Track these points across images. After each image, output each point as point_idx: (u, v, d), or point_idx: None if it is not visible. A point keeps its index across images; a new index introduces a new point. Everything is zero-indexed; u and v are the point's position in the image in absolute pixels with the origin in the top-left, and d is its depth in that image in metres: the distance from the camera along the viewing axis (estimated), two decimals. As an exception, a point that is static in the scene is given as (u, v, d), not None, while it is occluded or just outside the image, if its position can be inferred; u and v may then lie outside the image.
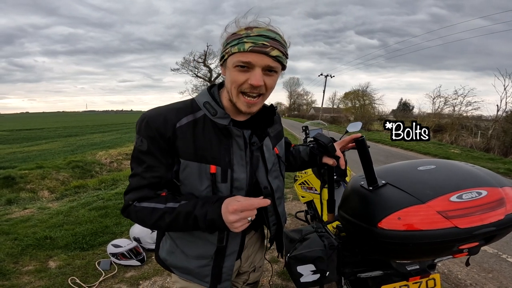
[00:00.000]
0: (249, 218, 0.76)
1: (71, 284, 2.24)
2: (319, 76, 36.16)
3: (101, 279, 2.34)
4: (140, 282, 2.35)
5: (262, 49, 0.77)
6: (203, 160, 0.85)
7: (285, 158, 1.18)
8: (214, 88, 0.94)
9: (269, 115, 1.00)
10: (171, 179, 0.87)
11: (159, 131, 0.83)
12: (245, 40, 0.77)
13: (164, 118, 0.84)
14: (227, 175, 0.87)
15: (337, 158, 1.08)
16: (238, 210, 0.74)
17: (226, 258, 0.94)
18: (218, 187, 0.87)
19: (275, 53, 0.79)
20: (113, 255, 2.58)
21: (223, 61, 0.85)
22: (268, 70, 0.82)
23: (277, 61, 0.81)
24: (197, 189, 0.87)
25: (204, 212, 0.78)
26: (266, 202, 0.77)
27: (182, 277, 0.99)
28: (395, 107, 41.20)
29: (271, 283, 2.35)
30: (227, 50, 0.82)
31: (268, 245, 1.15)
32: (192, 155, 0.85)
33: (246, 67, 0.80)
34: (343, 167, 1.09)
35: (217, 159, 0.86)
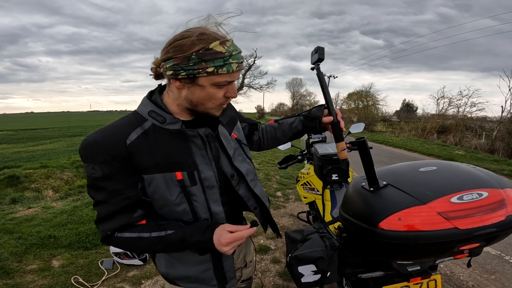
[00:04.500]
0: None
1: (74, 283, 2.26)
2: (322, 76, 35.91)
3: (103, 278, 2.36)
4: (142, 281, 2.37)
5: (241, 65, 0.82)
6: (166, 170, 0.82)
7: (251, 138, 1.22)
8: (155, 95, 0.89)
9: None
10: (140, 198, 0.83)
11: (110, 154, 0.77)
12: (231, 60, 0.77)
13: (111, 138, 0.79)
14: (194, 178, 0.85)
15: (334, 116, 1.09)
16: (230, 242, 0.81)
17: (223, 258, 0.95)
18: (190, 191, 0.85)
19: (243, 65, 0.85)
20: (116, 254, 2.60)
21: (190, 77, 0.77)
22: None
23: None
24: (168, 200, 0.84)
25: (195, 242, 0.82)
26: (253, 230, 0.86)
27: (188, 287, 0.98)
28: (398, 108, 40.96)
29: (272, 283, 2.35)
30: (208, 68, 0.75)
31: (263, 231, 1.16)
32: (154, 168, 0.81)
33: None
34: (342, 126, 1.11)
35: (180, 164, 0.83)
